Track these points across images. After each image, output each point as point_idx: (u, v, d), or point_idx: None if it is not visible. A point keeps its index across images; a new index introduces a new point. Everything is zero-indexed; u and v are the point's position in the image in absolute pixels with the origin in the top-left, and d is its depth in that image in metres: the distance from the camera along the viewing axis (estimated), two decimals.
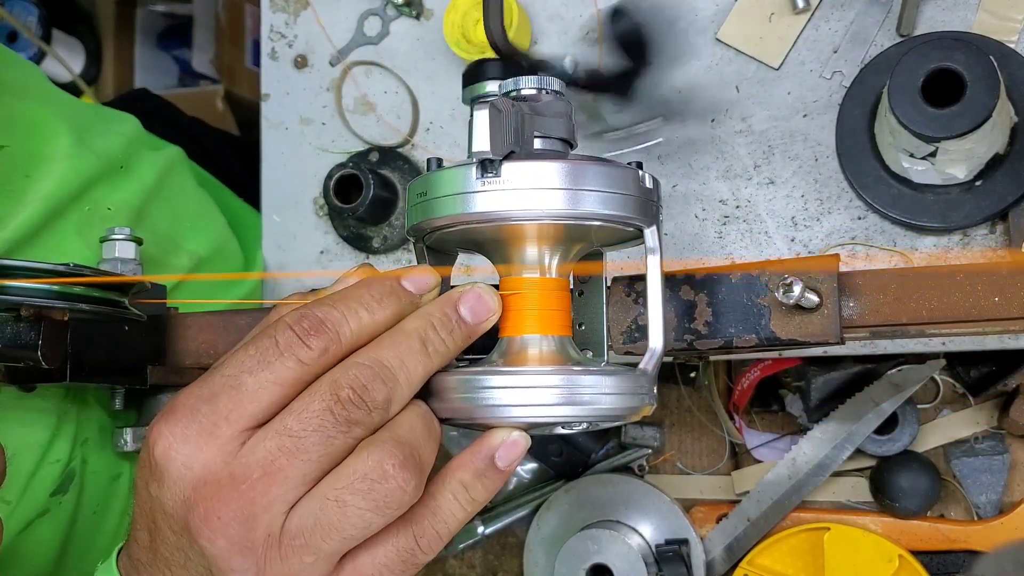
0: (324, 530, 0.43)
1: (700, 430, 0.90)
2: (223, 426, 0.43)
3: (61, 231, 0.69)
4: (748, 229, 0.77)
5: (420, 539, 0.45)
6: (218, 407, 0.43)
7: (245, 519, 0.43)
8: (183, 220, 0.83)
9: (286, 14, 0.92)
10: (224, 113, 1.62)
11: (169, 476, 0.44)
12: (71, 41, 1.66)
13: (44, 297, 0.51)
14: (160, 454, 0.44)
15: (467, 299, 0.47)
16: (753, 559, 0.85)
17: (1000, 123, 0.67)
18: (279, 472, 0.42)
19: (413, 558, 0.45)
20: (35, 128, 0.70)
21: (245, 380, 0.43)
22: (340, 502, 0.42)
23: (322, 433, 0.42)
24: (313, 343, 0.44)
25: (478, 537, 0.91)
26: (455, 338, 0.46)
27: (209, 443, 0.43)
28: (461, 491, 0.46)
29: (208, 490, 0.43)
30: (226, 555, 0.43)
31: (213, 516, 0.43)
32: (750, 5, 0.78)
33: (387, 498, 0.42)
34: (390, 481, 0.42)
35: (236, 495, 0.43)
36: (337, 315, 0.45)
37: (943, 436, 0.84)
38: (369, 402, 0.43)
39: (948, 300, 0.50)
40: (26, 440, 0.64)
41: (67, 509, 0.67)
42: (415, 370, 0.45)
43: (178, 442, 0.44)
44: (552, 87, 0.48)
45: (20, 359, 0.55)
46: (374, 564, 0.45)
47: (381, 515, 0.43)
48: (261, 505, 0.43)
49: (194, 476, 0.43)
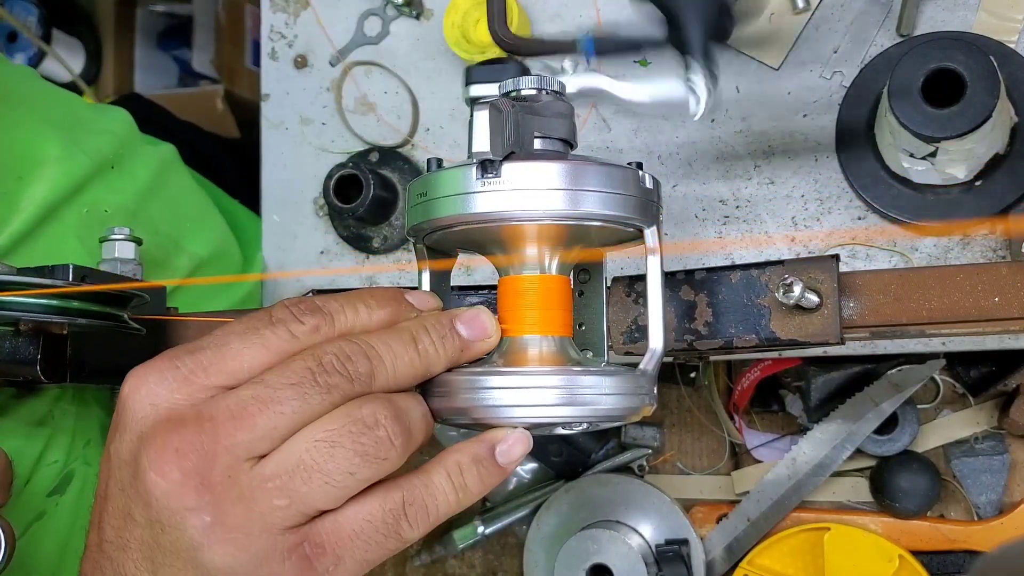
0: (307, 471, 0.41)
1: (700, 430, 0.90)
2: (200, 375, 0.42)
3: (60, 234, 0.69)
4: (748, 229, 0.77)
5: (408, 507, 0.43)
6: (199, 359, 0.43)
7: (204, 454, 0.41)
8: (183, 220, 0.83)
9: (286, 14, 0.92)
10: (224, 113, 1.62)
11: (132, 415, 0.42)
12: (71, 41, 1.65)
13: (43, 312, 0.51)
14: (128, 393, 0.43)
15: (464, 317, 0.47)
16: (753, 559, 0.85)
17: (1000, 123, 0.67)
18: (248, 418, 0.41)
19: (397, 525, 0.43)
20: (24, 132, 0.70)
21: (231, 340, 0.43)
22: (331, 443, 0.41)
23: (298, 388, 0.41)
24: (306, 319, 0.44)
25: (478, 537, 0.91)
26: (447, 346, 0.46)
27: (181, 388, 0.42)
28: (456, 472, 0.45)
29: (169, 424, 0.42)
30: (179, 491, 0.41)
31: (170, 447, 0.41)
32: (750, 5, 0.78)
33: (376, 446, 0.42)
34: (381, 430, 0.42)
35: (198, 430, 0.41)
36: (335, 304, 0.45)
37: (943, 436, 0.84)
38: (351, 371, 0.43)
39: (948, 300, 0.50)
40: (26, 442, 0.64)
41: (66, 511, 0.67)
42: (401, 358, 0.44)
43: (151, 383, 0.42)
44: (552, 87, 0.48)
45: (19, 374, 0.55)
46: (356, 520, 0.43)
47: (367, 464, 0.42)
48: (223, 445, 0.41)
49: (157, 414, 0.42)
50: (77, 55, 1.66)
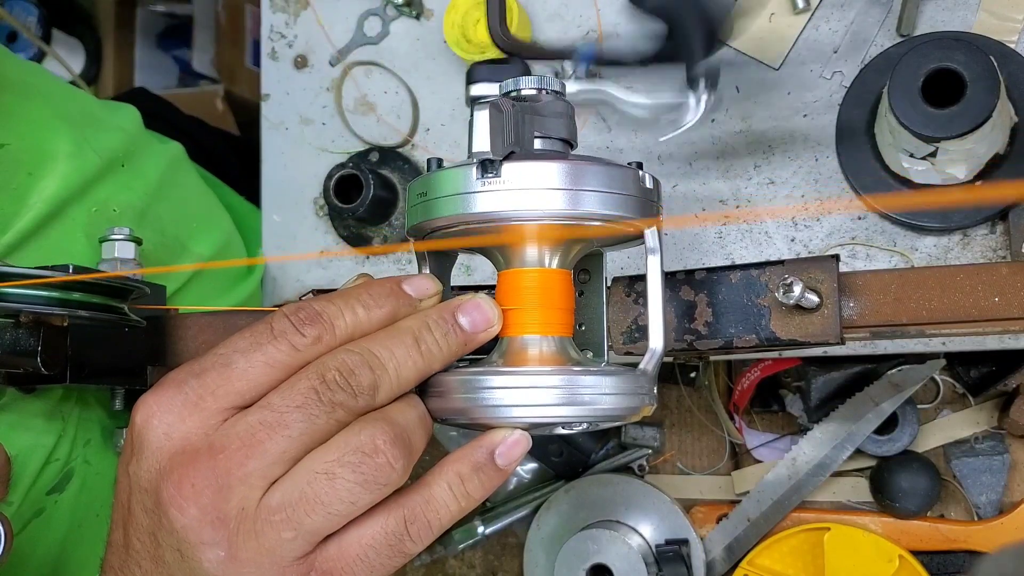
0: (309, 504, 0.42)
1: (700, 430, 0.90)
2: (208, 400, 0.43)
3: (68, 232, 0.68)
4: (748, 229, 0.77)
5: (410, 524, 0.44)
6: (206, 382, 0.43)
7: (219, 488, 0.42)
8: (190, 220, 0.82)
9: (286, 14, 0.92)
10: (224, 113, 1.62)
11: (148, 445, 0.43)
12: (71, 41, 1.65)
13: (43, 304, 0.51)
14: (141, 422, 0.44)
15: (466, 308, 0.47)
16: (753, 559, 0.85)
17: (1000, 123, 0.67)
18: (258, 445, 0.42)
19: (401, 544, 0.44)
20: (36, 126, 0.70)
21: (236, 359, 0.44)
22: (330, 475, 0.42)
23: (304, 411, 0.42)
24: (307, 331, 0.44)
25: (478, 537, 0.91)
26: (450, 342, 0.46)
27: (192, 415, 0.43)
28: (457, 483, 0.45)
29: (184, 458, 0.43)
30: (197, 526, 0.42)
31: (187, 483, 0.42)
32: (750, 5, 0.78)
33: (376, 473, 0.42)
34: (380, 456, 0.42)
35: (212, 463, 0.42)
36: (334, 309, 0.45)
37: (943, 436, 0.84)
38: (355, 385, 0.43)
39: (948, 300, 0.50)
40: (27, 442, 0.64)
41: (65, 509, 0.67)
42: (405, 363, 0.45)
43: (161, 411, 0.43)
44: (552, 87, 0.48)
45: (20, 366, 0.55)
46: (360, 544, 0.44)
47: (368, 491, 0.42)
48: (237, 476, 0.42)
49: (172, 445, 0.43)
50: (77, 55, 1.66)
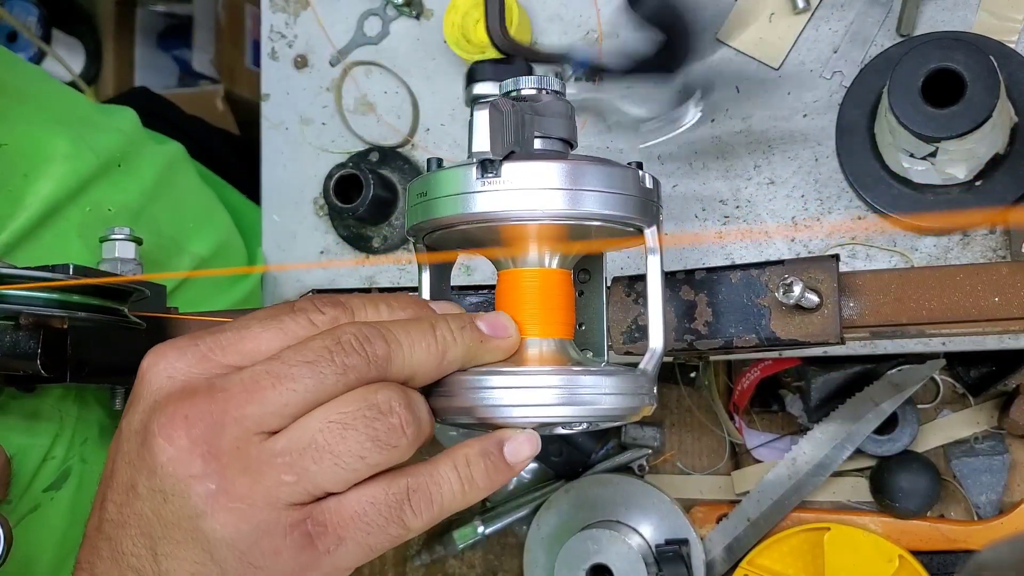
0: (318, 451, 0.41)
1: (700, 430, 0.90)
2: (217, 353, 0.43)
3: (62, 232, 0.69)
4: (748, 229, 0.77)
5: (412, 493, 0.43)
6: (219, 339, 0.44)
7: (213, 423, 0.41)
8: (187, 219, 0.83)
9: (286, 14, 0.92)
10: (224, 113, 1.62)
11: (147, 386, 0.43)
12: (71, 41, 1.65)
13: (43, 306, 0.51)
14: (147, 366, 0.43)
15: (484, 316, 0.48)
16: (753, 559, 0.85)
17: (1000, 123, 0.67)
18: (260, 391, 0.41)
19: (401, 511, 0.43)
20: (33, 128, 0.70)
21: (252, 324, 0.44)
22: (344, 425, 0.41)
23: (314, 367, 0.42)
24: (327, 310, 0.45)
25: (478, 537, 0.91)
26: (464, 336, 0.46)
27: (199, 363, 0.43)
28: (463, 464, 0.45)
29: (181, 395, 0.42)
30: (186, 457, 0.41)
31: (179, 415, 0.41)
32: (750, 5, 0.78)
33: (389, 433, 0.42)
34: (394, 417, 0.42)
35: (209, 400, 0.41)
36: (357, 302, 0.46)
37: (943, 436, 0.84)
38: (369, 352, 0.43)
39: (948, 300, 0.50)
40: (25, 440, 0.64)
41: (62, 506, 0.67)
42: (419, 344, 0.44)
43: (170, 358, 0.43)
44: (552, 87, 0.48)
45: (20, 368, 0.55)
46: (360, 501, 0.43)
47: (379, 449, 0.42)
48: (233, 416, 0.41)
49: (172, 385, 0.43)
50: (77, 55, 1.66)
